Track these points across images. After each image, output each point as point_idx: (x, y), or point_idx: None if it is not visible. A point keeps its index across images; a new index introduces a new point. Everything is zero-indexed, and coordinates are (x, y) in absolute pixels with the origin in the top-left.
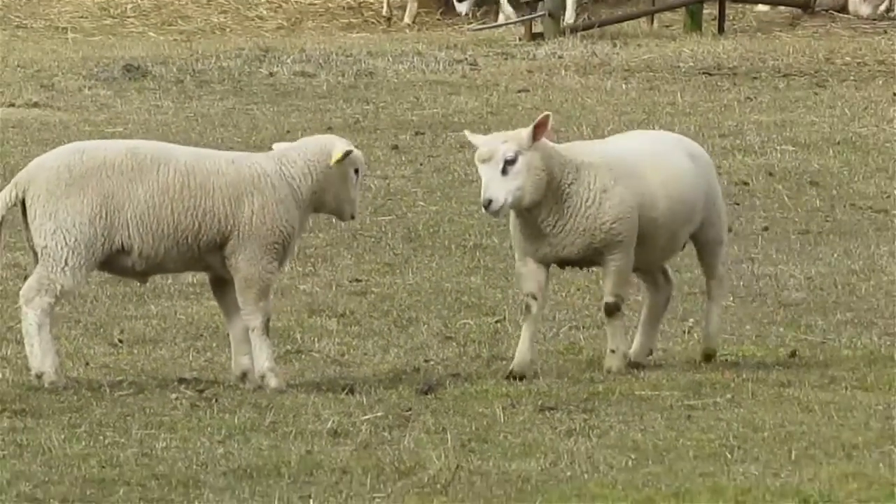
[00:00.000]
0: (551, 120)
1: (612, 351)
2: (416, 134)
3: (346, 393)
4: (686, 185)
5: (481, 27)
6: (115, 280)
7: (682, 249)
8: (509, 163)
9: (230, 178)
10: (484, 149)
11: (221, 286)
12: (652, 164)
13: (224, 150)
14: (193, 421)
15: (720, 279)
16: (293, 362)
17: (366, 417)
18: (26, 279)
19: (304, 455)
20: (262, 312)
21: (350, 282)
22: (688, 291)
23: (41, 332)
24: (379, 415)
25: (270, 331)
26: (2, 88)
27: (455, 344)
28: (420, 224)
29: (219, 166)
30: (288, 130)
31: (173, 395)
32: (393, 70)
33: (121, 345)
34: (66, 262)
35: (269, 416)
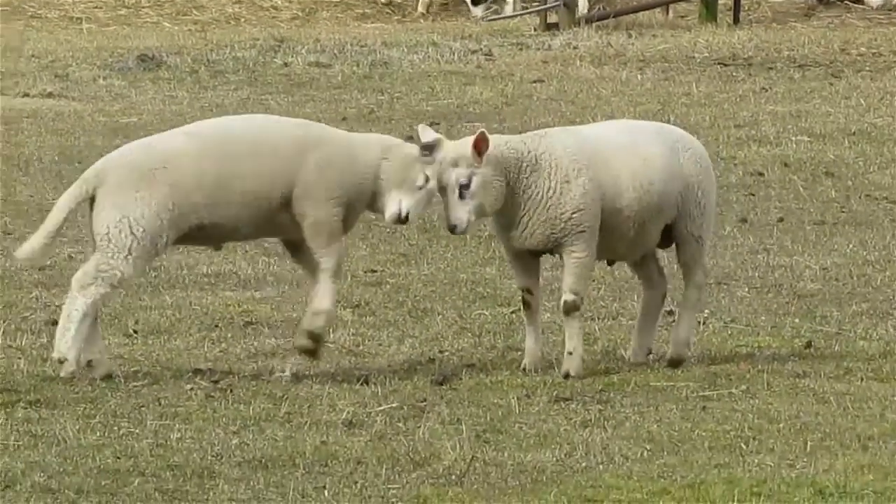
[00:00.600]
0: (488, 134)
1: (570, 353)
2: (431, 124)
3: (361, 383)
4: (656, 176)
5: (495, 17)
6: None
7: (664, 245)
8: (464, 187)
9: (298, 136)
10: (440, 177)
11: (299, 251)
12: (619, 152)
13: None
14: (208, 411)
15: (697, 286)
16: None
17: (381, 408)
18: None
19: (319, 446)
20: (336, 253)
21: (365, 272)
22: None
23: (83, 321)
24: (394, 405)
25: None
26: (17, 78)
27: (470, 335)
28: (435, 214)
29: (283, 128)
30: None
31: (188, 386)
32: (408, 60)
33: (135, 335)
34: (129, 250)
35: (283, 407)
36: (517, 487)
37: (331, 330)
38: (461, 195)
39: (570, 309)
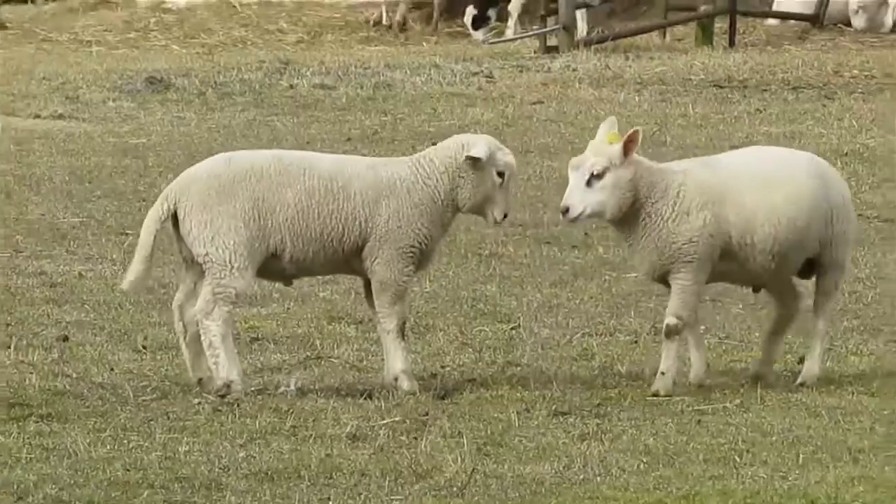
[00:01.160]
0: (640, 135)
1: (662, 373)
2: (433, 145)
3: (365, 398)
4: (798, 212)
5: (496, 41)
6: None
7: (806, 276)
8: (596, 177)
9: (368, 182)
10: (577, 157)
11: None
12: (757, 187)
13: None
14: (215, 425)
15: (828, 317)
16: (313, 368)
17: (384, 422)
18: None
19: (324, 458)
20: (397, 316)
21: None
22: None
23: (225, 342)
24: (397, 419)
25: (405, 335)
26: (28, 100)
27: (471, 350)
28: None
29: (358, 171)
30: (308, 141)
31: (196, 400)
32: (410, 82)
33: (145, 351)
34: (230, 264)
35: (289, 421)
36: (517, 499)
37: (335, 345)
38: (589, 182)
39: (671, 332)
